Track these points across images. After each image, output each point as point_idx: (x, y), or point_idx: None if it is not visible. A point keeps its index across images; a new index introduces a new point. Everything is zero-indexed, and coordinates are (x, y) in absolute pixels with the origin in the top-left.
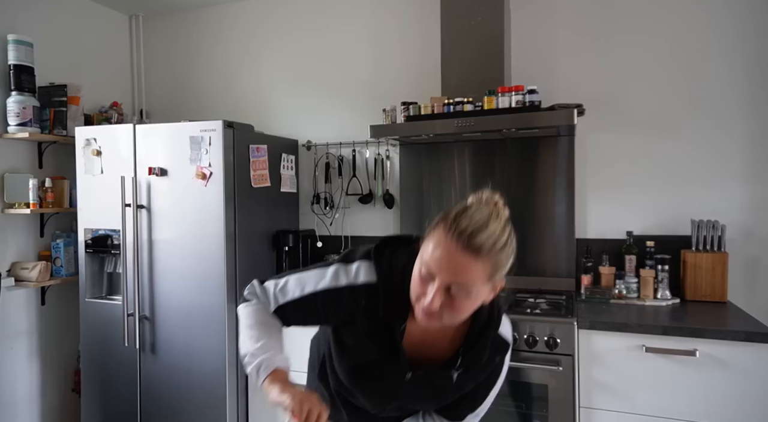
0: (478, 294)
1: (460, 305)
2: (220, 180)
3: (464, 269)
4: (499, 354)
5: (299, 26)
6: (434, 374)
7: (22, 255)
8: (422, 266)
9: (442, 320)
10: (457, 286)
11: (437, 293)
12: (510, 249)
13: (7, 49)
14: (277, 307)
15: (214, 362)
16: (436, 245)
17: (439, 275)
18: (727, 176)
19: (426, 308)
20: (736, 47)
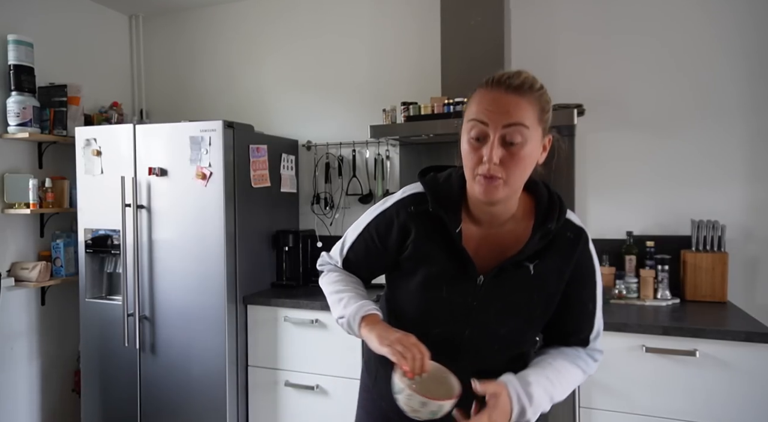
0: (533, 140)
1: (518, 157)
2: (220, 180)
3: (515, 106)
4: (576, 237)
5: (299, 26)
6: (508, 270)
7: (22, 255)
8: (471, 127)
9: (506, 184)
10: (512, 131)
11: (494, 144)
12: (548, 95)
13: (7, 49)
14: (344, 260)
15: (214, 362)
16: (480, 100)
17: (491, 122)
18: (727, 176)
19: (487, 166)
20: (736, 47)
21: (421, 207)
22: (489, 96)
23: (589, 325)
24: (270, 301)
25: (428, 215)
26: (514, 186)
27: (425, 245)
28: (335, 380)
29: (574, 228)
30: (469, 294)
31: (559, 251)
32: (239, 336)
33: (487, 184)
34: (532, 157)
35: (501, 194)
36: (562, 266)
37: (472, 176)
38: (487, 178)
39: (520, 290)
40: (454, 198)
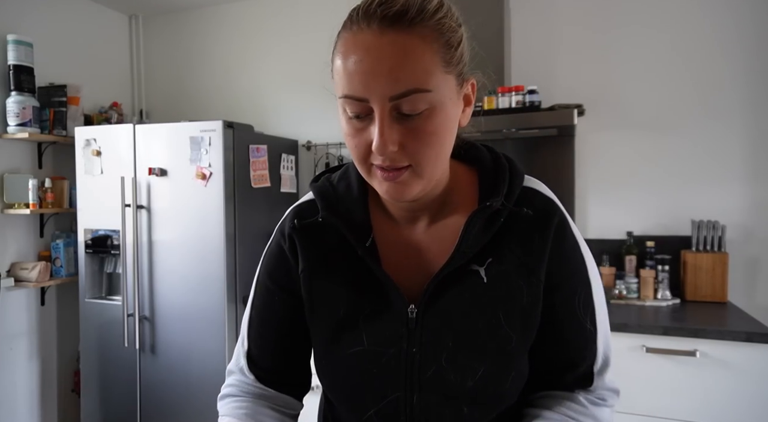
0: (442, 98)
1: (425, 132)
2: (220, 180)
3: (399, 55)
4: (542, 213)
5: (299, 26)
6: (449, 285)
7: (22, 255)
8: (344, 102)
9: (417, 174)
10: (405, 95)
11: (383, 120)
12: (453, 14)
13: (6, 50)
14: (247, 356)
15: (214, 362)
16: (346, 54)
17: (371, 95)
18: (728, 176)
19: (380, 152)
20: (737, 47)
21: (308, 220)
22: (357, 47)
23: (587, 351)
24: None
25: (321, 229)
26: (431, 173)
27: (321, 274)
28: None
29: (539, 200)
30: (402, 337)
31: (521, 238)
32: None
33: (389, 180)
34: (448, 122)
35: (415, 190)
36: (530, 260)
37: (366, 171)
38: (386, 171)
39: (475, 311)
40: (355, 197)
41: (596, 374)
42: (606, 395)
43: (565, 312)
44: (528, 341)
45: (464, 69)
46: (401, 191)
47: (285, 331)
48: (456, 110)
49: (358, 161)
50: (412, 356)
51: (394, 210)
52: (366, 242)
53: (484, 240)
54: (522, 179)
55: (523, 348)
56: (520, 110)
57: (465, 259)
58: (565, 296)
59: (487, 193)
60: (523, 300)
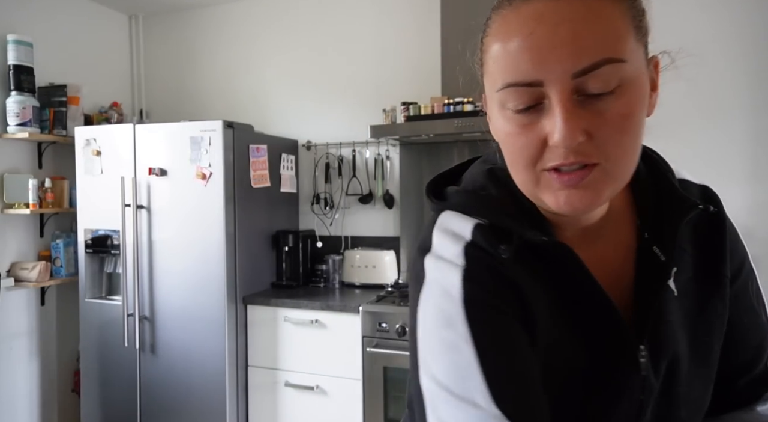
0: (636, 73)
1: (620, 111)
2: (220, 180)
3: (583, 17)
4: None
5: (299, 26)
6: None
7: (22, 255)
8: (505, 94)
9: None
10: (594, 67)
11: (565, 103)
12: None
13: (6, 50)
14: None
15: (214, 362)
16: (508, 31)
17: (545, 65)
18: (727, 176)
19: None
20: (737, 47)
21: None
22: (524, 19)
23: (764, 348)
24: (270, 301)
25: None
26: (624, 171)
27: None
28: (335, 380)
29: (702, 193)
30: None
31: (695, 238)
32: (239, 336)
33: (571, 185)
34: (643, 105)
35: (604, 196)
36: (712, 260)
37: (534, 180)
38: (568, 174)
39: (678, 331)
40: (536, 215)
41: None
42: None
43: (743, 307)
44: (720, 348)
45: (646, 30)
46: (587, 199)
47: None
48: (647, 91)
49: (524, 166)
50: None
51: (564, 231)
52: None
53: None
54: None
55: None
56: None
57: (670, 271)
58: (740, 289)
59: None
60: (716, 307)
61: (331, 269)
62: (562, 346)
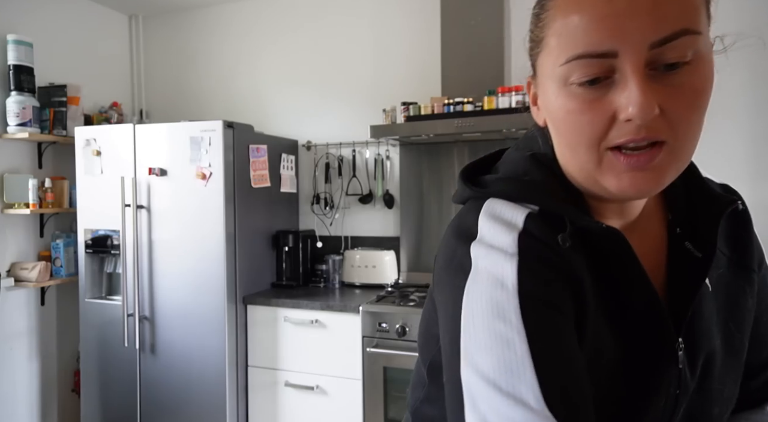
0: (708, 48)
1: (694, 85)
2: (220, 180)
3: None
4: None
5: (299, 26)
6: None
7: (22, 255)
8: (572, 67)
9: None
10: (673, 37)
11: (641, 74)
12: None
13: (6, 50)
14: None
15: (214, 362)
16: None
17: (621, 34)
18: (728, 176)
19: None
20: (736, 46)
21: (563, 234)
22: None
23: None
24: (270, 301)
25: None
26: (690, 151)
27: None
28: (335, 380)
29: (727, 189)
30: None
31: (727, 233)
32: (239, 336)
33: (639, 167)
34: (712, 82)
35: (668, 177)
36: (741, 256)
37: (596, 160)
38: (636, 154)
39: (713, 327)
40: (582, 197)
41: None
42: None
43: (765, 304)
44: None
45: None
46: (653, 181)
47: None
48: (713, 69)
49: (588, 145)
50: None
51: (608, 219)
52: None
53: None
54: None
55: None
56: (520, 110)
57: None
58: (762, 284)
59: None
60: (747, 302)
61: (331, 269)
62: (604, 339)
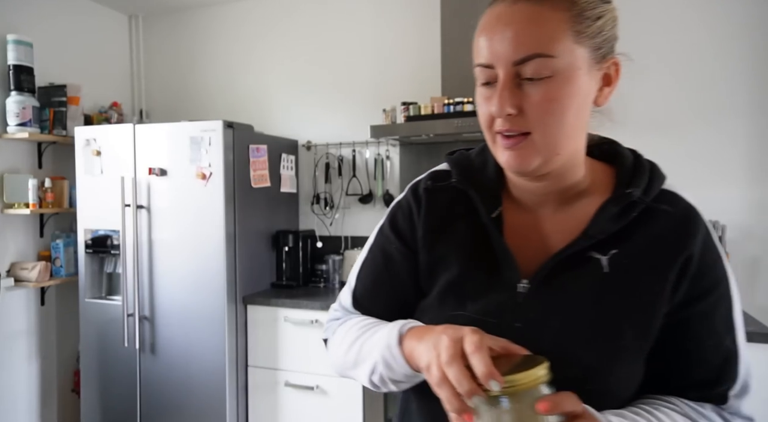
0: (569, 68)
1: (547, 96)
2: (220, 180)
3: (524, 21)
4: (685, 215)
5: (299, 26)
6: (567, 269)
7: (22, 255)
8: (476, 72)
9: (536, 141)
10: (527, 59)
11: (505, 83)
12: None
13: (6, 50)
14: (353, 292)
15: (214, 362)
16: (482, 26)
17: (496, 60)
18: (728, 176)
19: (497, 114)
20: (737, 47)
21: (441, 182)
22: (490, 16)
23: (725, 372)
24: (270, 301)
25: (452, 194)
26: (552, 144)
27: (439, 238)
28: (335, 380)
29: (681, 204)
30: (508, 310)
31: (655, 237)
32: (239, 336)
33: (509, 147)
34: (576, 95)
35: (534, 161)
36: (662, 259)
37: (491, 139)
38: (506, 138)
39: (590, 298)
40: (491, 172)
41: (731, 397)
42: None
43: (704, 328)
44: (644, 342)
45: (605, 45)
46: (520, 160)
47: (395, 280)
48: (589, 85)
49: (484, 128)
50: (514, 330)
51: (523, 194)
52: (493, 213)
53: (612, 229)
54: (663, 181)
55: (637, 348)
56: None
57: (589, 243)
58: (704, 310)
59: (624, 186)
60: (644, 298)
61: (331, 269)
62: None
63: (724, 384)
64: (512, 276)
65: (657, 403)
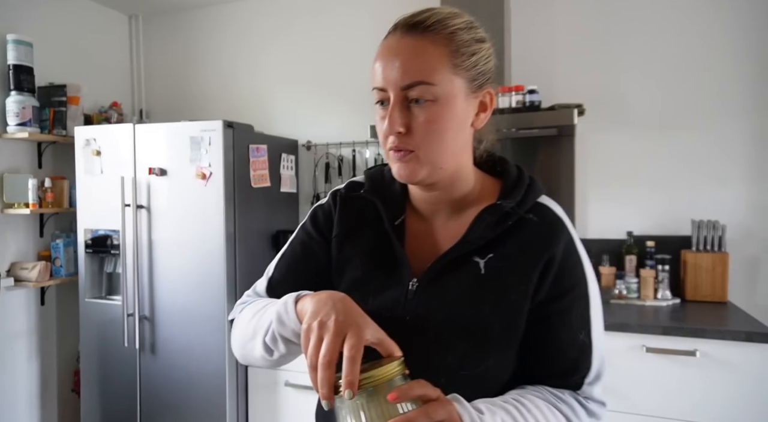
0: (448, 95)
1: (427, 120)
2: (220, 180)
3: (411, 56)
4: (549, 225)
5: (299, 26)
6: (450, 270)
7: (22, 255)
8: (375, 92)
9: (420, 158)
10: (412, 85)
11: (394, 106)
12: (474, 34)
13: (6, 50)
14: (269, 282)
15: (214, 362)
16: (377, 54)
17: (387, 84)
18: (728, 176)
19: (388, 132)
20: (737, 47)
21: (353, 192)
22: (384, 48)
23: (581, 363)
24: None
25: (363, 203)
26: (434, 159)
27: (349, 240)
28: None
29: (549, 215)
30: (400, 305)
31: (524, 243)
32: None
33: (398, 160)
34: (454, 118)
35: (420, 172)
36: (527, 262)
37: (386, 152)
38: (397, 151)
39: (468, 296)
40: (397, 188)
41: (586, 384)
42: (592, 404)
43: (562, 323)
44: (511, 334)
45: (480, 77)
46: (408, 172)
47: (311, 271)
48: (466, 110)
49: (382, 143)
50: (405, 323)
51: (421, 204)
52: (396, 221)
53: (489, 235)
54: (538, 195)
55: (505, 341)
56: (520, 110)
57: (468, 248)
58: (562, 308)
59: (503, 198)
60: (511, 296)
61: None
62: (354, 264)
63: (579, 372)
64: (405, 276)
65: (524, 392)
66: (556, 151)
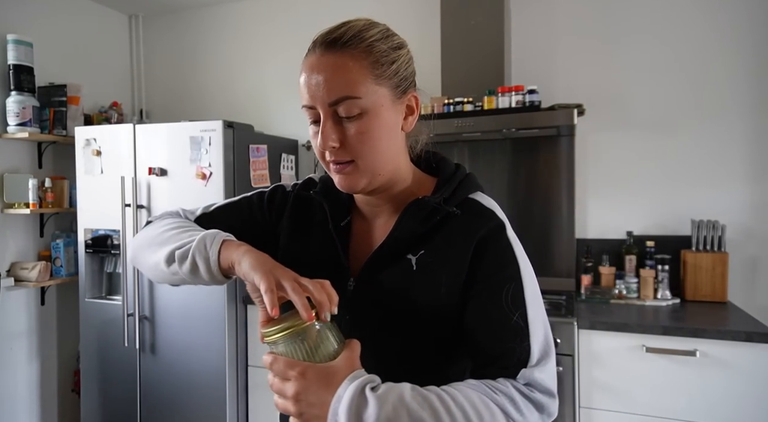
0: (374, 105)
1: (359, 132)
2: (220, 180)
3: (333, 73)
4: (476, 217)
5: (299, 25)
6: (384, 268)
7: (22, 255)
8: (305, 110)
9: (359, 168)
10: (338, 101)
11: (325, 122)
12: (391, 42)
13: (6, 50)
14: (204, 213)
15: (214, 362)
16: (301, 72)
17: (313, 98)
18: (728, 176)
19: (322, 148)
20: (736, 47)
21: (306, 191)
22: (306, 67)
23: (517, 346)
24: None
25: (313, 205)
26: (372, 167)
27: (299, 237)
28: None
29: (476, 208)
30: (340, 305)
31: (451, 236)
32: (239, 336)
33: (338, 172)
34: (384, 126)
35: (360, 182)
36: (456, 254)
37: (326, 167)
38: (336, 164)
39: (401, 293)
40: (346, 193)
41: (527, 369)
42: (537, 394)
43: (492, 303)
44: (447, 327)
45: (403, 83)
46: (348, 182)
47: (246, 231)
48: (394, 116)
49: (320, 158)
50: (347, 322)
51: (363, 207)
52: (342, 222)
53: (418, 230)
54: (468, 191)
55: (440, 333)
56: (520, 110)
57: (398, 245)
58: (491, 289)
59: (434, 194)
60: (440, 290)
61: None
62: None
63: (516, 356)
64: (344, 276)
65: (459, 383)
66: (556, 151)
